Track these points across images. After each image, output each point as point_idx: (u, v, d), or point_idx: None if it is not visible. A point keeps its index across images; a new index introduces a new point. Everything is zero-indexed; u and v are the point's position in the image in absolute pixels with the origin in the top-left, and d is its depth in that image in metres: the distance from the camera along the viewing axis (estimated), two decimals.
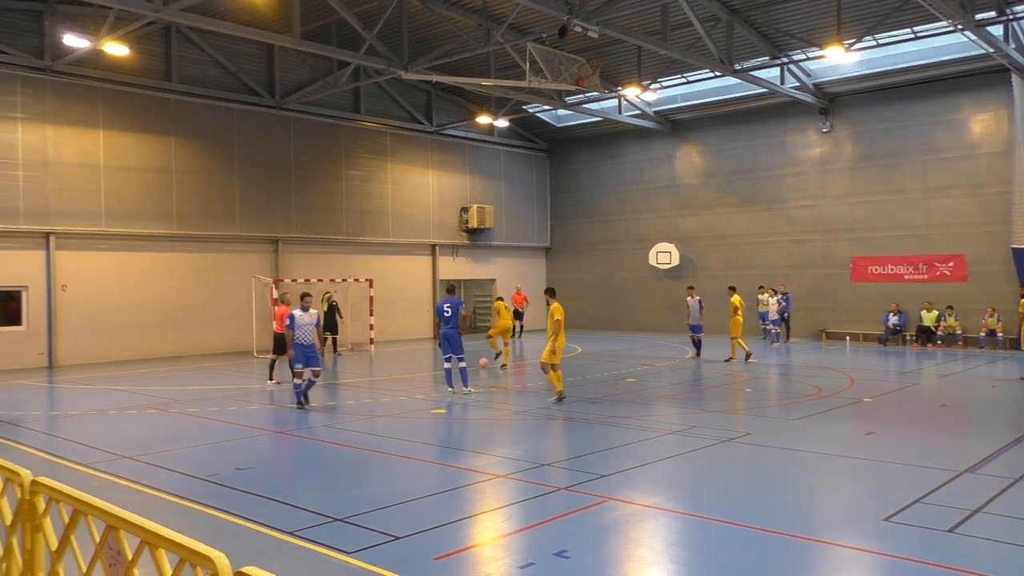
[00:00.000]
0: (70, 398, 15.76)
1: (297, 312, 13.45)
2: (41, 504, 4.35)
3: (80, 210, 21.53)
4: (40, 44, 20.85)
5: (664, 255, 30.32)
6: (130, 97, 22.45)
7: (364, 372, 19.64)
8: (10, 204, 20.45)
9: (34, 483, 4.37)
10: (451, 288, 15.46)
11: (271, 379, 16.79)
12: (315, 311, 13.73)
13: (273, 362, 17.01)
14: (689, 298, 21.25)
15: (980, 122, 23.81)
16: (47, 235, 21.03)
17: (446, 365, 14.63)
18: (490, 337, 19.68)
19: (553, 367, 13.80)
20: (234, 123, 24.64)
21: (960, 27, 18.78)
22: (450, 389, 14.49)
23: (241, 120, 24.79)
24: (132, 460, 9.68)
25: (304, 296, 13.62)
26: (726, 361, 20.16)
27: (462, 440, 11.20)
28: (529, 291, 31.26)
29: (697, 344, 21.23)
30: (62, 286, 21.29)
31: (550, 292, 14.47)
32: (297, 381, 13.49)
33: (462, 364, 14.59)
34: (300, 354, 13.42)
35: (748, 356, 20.29)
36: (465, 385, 14.54)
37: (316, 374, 13.67)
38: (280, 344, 16.47)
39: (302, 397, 13.49)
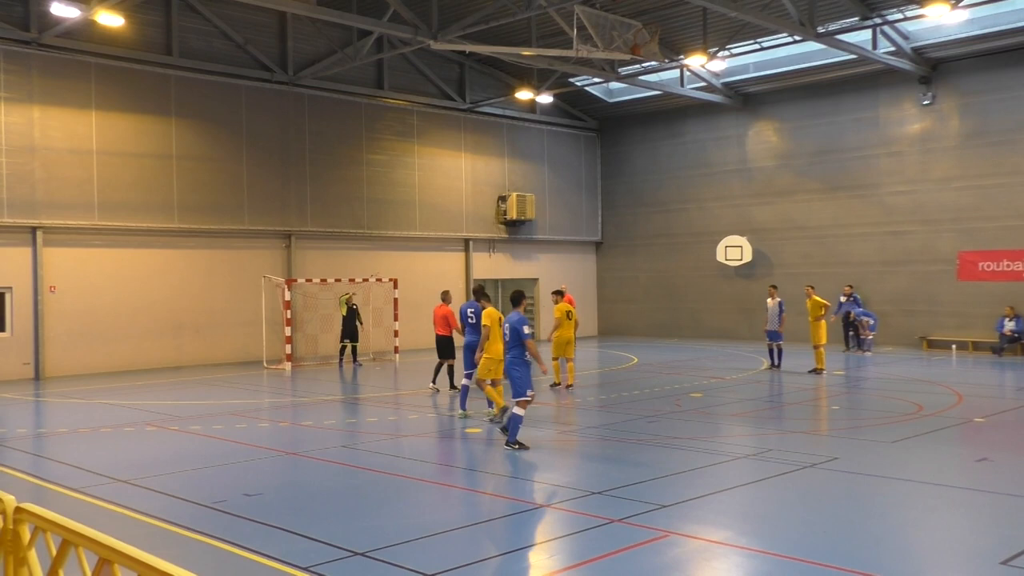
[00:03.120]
0: (59, 413, 16.11)
1: (516, 316, 11.86)
2: (26, 534, 4.42)
3: (71, 201, 22.02)
4: (25, 14, 21.36)
5: (734, 250, 30.01)
6: (126, 74, 22.89)
7: (388, 385, 19.74)
8: None
9: (18, 510, 4.45)
10: (479, 288, 15.34)
11: (453, 385, 17.27)
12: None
13: (439, 366, 17.50)
14: (770, 299, 20.99)
15: None
16: (34, 230, 21.53)
17: (464, 381, 14.55)
18: (555, 359, 17.77)
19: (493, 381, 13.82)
20: (242, 102, 24.99)
21: None
22: (461, 411, 14.30)
23: (250, 98, 25.13)
24: (128, 484, 9.85)
25: (519, 296, 12.26)
26: (809, 372, 19.86)
27: (500, 464, 11.15)
28: (577, 292, 31.15)
29: (774, 353, 20.96)
30: (50, 287, 21.79)
31: (485, 296, 14.37)
32: (520, 412, 11.53)
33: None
34: (527, 375, 11.61)
35: (816, 370, 20.04)
36: (490, 405, 14.41)
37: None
38: (444, 348, 16.91)
39: (505, 429, 11.80)
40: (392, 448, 12.27)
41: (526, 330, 11.60)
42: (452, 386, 17.29)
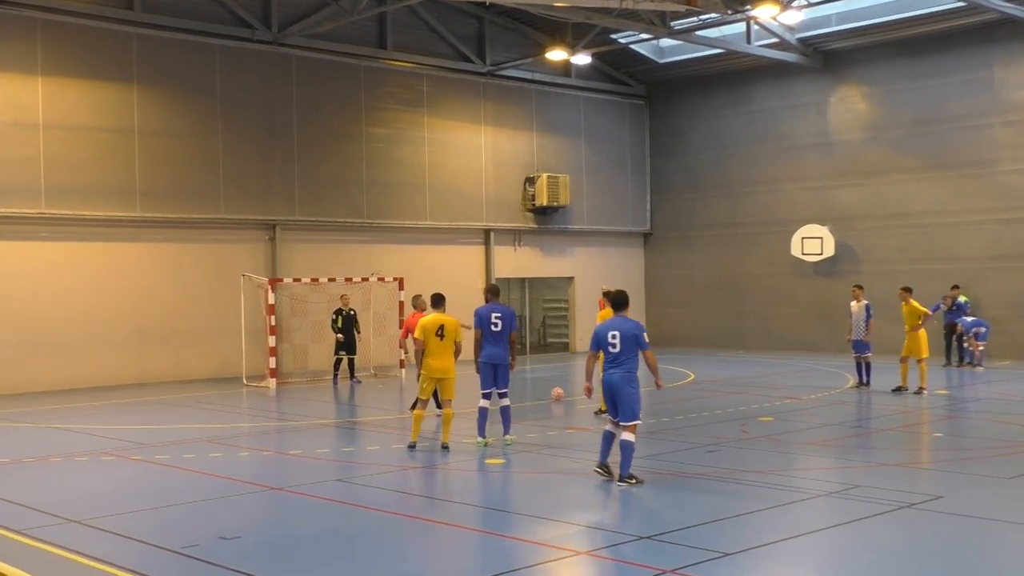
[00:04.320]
0: None
1: (631, 323, 11.81)
2: None
3: (12, 185, 22.18)
4: None
5: (813, 242, 29.81)
6: (78, 32, 23.06)
7: (392, 406, 19.79)
8: None
9: None
10: (495, 290, 15.27)
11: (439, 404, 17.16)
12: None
13: None
14: (854, 302, 20.81)
15: None
16: None
17: (482, 403, 14.44)
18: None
19: (422, 403, 14.00)
20: (217, 65, 25.13)
21: None
22: (480, 439, 14.19)
23: (226, 61, 25.27)
24: (81, 525, 9.91)
25: (625, 298, 12.20)
26: (915, 393, 19.64)
27: (528, 501, 11.17)
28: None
29: (862, 368, 20.79)
30: None
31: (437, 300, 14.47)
32: (633, 438, 11.41)
33: (506, 402, 14.48)
34: (639, 394, 11.60)
35: (900, 389, 19.89)
36: (508, 431, 14.35)
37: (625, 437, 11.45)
38: None
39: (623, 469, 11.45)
40: (397, 482, 12.28)
41: (646, 338, 11.59)
42: (438, 404, 17.28)
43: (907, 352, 20.01)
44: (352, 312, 23.75)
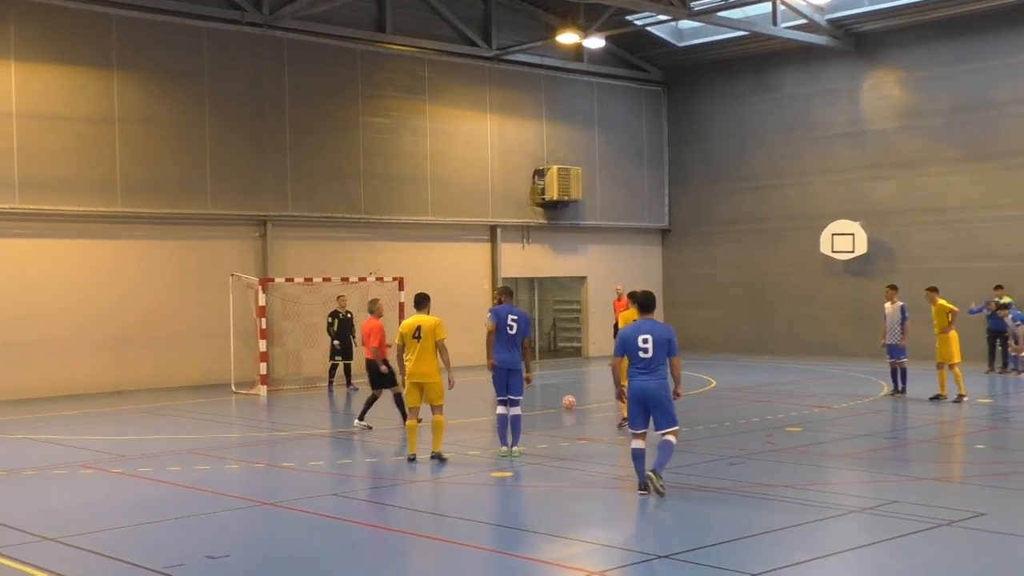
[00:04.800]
0: None
1: (660, 325, 12.07)
2: None
3: None
4: None
5: (844, 239, 29.76)
6: (55, 14, 23.08)
7: (391, 415, 19.77)
8: None
9: None
10: (509, 291, 15.36)
11: (361, 419, 17.38)
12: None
13: (372, 400, 17.44)
14: (888, 303, 20.77)
15: None
16: None
17: (499, 409, 14.50)
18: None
19: (412, 412, 14.14)
20: (203, 50, 25.14)
21: None
22: (503, 448, 14.32)
23: (214, 45, 25.28)
24: (57, 543, 9.91)
25: (652, 300, 12.54)
26: (954, 402, 19.59)
27: (538, 517, 11.16)
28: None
29: (898, 374, 20.74)
30: None
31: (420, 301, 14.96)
32: (672, 439, 11.75)
33: (517, 410, 14.45)
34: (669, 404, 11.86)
35: (938, 397, 19.84)
36: (516, 442, 14.34)
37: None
38: (376, 375, 16.82)
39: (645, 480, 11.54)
40: (397, 497, 12.29)
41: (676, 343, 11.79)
42: (361, 417, 17.33)
43: (940, 357, 19.96)
44: (349, 315, 23.74)
